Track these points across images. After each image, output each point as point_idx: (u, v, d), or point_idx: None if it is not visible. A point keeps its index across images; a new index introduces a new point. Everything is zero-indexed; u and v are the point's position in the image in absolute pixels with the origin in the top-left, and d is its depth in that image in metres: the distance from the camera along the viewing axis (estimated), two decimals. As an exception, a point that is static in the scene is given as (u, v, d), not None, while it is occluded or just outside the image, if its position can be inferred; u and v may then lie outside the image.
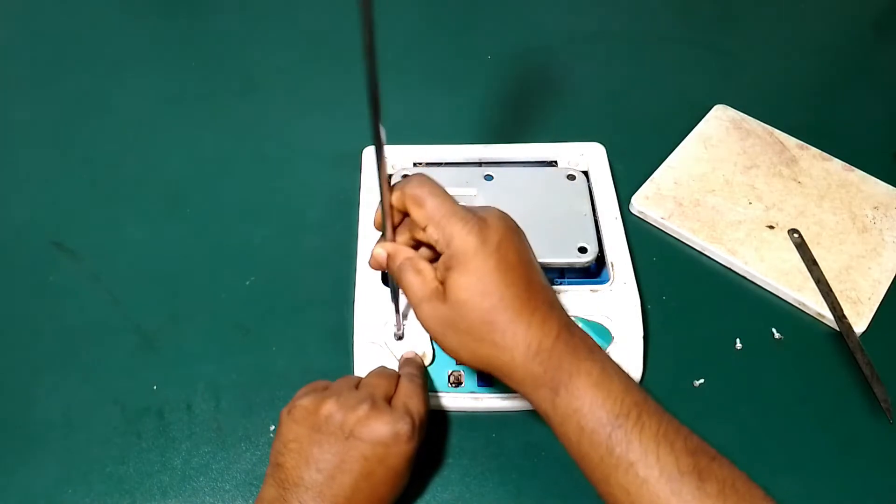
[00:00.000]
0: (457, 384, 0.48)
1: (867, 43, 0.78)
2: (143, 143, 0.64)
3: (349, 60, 0.71)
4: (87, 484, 0.46)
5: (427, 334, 0.47)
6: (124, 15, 0.75)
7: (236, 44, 0.73)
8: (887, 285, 0.56)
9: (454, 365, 0.48)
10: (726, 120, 0.67)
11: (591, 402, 0.35)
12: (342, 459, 0.38)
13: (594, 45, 0.75)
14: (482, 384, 0.48)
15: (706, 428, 0.49)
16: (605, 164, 0.59)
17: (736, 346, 0.53)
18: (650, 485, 0.34)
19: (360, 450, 0.39)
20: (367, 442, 0.39)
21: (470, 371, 0.48)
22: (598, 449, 0.35)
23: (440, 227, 0.38)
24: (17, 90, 0.68)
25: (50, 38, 0.73)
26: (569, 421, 0.36)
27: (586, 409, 0.35)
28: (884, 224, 0.60)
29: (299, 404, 0.41)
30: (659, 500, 0.33)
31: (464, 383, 0.48)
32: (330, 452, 0.39)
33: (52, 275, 0.56)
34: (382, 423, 0.39)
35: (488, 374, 0.39)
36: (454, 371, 0.49)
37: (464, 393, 0.48)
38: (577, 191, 0.55)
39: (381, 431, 0.39)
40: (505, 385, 0.39)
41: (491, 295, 0.36)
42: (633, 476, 0.34)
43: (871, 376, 0.51)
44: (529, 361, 0.36)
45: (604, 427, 0.35)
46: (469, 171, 0.55)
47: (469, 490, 0.47)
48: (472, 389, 0.48)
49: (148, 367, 0.51)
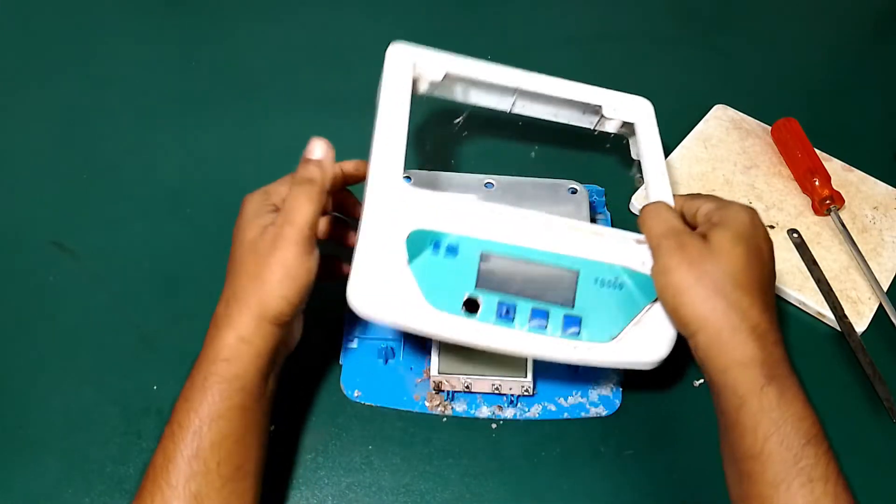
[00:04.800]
0: (472, 309, 0.42)
1: (867, 43, 0.78)
2: (143, 143, 0.64)
3: (349, 60, 0.71)
4: (87, 484, 0.46)
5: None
6: (124, 14, 0.75)
7: (236, 44, 0.73)
8: (887, 285, 0.56)
9: (473, 288, 0.42)
10: (726, 120, 0.67)
11: (801, 409, 0.37)
12: (230, 261, 0.42)
13: (594, 45, 0.75)
14: (504, 317, 0.42)
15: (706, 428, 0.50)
16: (653, 118, 0.55)
17: (736, 346, 0.53)
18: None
19: (232, 249, 0.42)
20: (234, 241, 0.42)
21: (497, 303, 0.42)
22: (787, 450, 0.36)
23: (718, 201, 0.44)
24: (17, 90, 0.68)
25: (50, 37, 0.73)
26: (769, 411, 0.37)
27: (790, 414, 0.37)
28: (883, 224, 0.60)
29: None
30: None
31: (480, 311, 0.42)
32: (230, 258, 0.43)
33: (52, 275, 0.56)
34: (243, 219, 0.42)
35: (545, 314, 0.41)
36: (472, 295, 0.42)
37: (480, 322, 0.42)
38: (577, 204, 0.54)
39: (241, 229, 0.42)
40: (529, 323, 0.41)
41: (749, 261, 0.40)
42: (807, 490, 0.36)
43: (874, 375, 0.51)
44: (754, 337, 0.38)
45: (798, 437, 0.37)
46: (469, 178, 0.55)
47: (469, 490, 0.47)
48: (489, 320, 0.42)
49: (148, 367, 0.51)
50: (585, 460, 0.48)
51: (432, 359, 0.48)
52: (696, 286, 0.39)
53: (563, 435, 0.49)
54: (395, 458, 0.48)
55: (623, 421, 0.50)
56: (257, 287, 0.40)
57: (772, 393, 0.37)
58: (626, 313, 0.43)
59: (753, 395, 0.37)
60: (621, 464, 0.48)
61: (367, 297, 0.40)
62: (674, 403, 0.51)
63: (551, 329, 0.42)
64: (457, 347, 0.48)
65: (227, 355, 0.39)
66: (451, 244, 0.42)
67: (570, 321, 0.42)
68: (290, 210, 0.40)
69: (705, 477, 0.48)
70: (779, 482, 0.36)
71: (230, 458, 0.39)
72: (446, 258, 0.42)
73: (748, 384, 0.37)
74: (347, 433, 0.49)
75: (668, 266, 0.40)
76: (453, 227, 0.42)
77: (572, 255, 0.43)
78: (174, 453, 0.38)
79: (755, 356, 0.38)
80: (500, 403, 0.50)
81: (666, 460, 0.48)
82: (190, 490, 0.37)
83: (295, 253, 0.39)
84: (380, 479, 0.47)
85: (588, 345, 0.42)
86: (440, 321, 0.41)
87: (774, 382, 0.37)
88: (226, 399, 0.39)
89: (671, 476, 0.48)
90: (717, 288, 0.39)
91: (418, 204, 0.42)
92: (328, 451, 0.48)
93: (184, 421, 0.38)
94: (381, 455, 0.48)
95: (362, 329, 0.52)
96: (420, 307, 0.41)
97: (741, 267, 0.40)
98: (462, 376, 0.48)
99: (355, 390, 0.50)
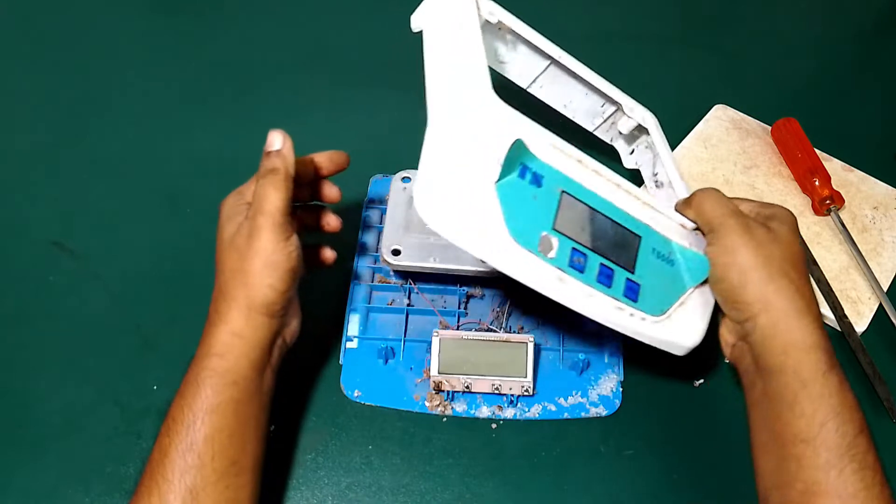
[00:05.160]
0: (547, 250, 0.39)
1: (867, 43, 0.78)
2: (143, 143, 0.64)
3: (349, 60, 0.71)
4: (87, 484, 0.46)
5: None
6: (125, 15, 0.75)
7: (236, 44, 0.73)
8: (887, 285, 0.56)
9: (550, 227, 0.39)
10: (726, 120, 0.67)
11: (854, 400, 0.38)
12: (215, 262, 0.43)
13: (594, 45, 0.75)
14: (575, 266, 0.39)
15: (706, 428, 0.50)
16: (660, 128, 0.55)
17: (736, 346, 0.53)
18: (870, 490, 0.36)
19: (216, 251, 0.43)
20: (216, 242, 0.44)
21: (571, 249, 0.40)
22: (842, 438, 0.37)
23: (758, 201, 0.46)
24: (17, 90, 0.68)
25: (50, 37, 0.73)
26: (829, 397, 0.38)
27: (847, 403, 0.38)
28: (883, 224, 0.60)
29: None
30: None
31: (555, 254, 0.39)
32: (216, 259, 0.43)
33: (52, 275, 0.56)
34: (220, 220, 0.44)
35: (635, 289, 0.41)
36: (548, 235, 0.39)
37: (551, 265, 0.39)
38: None
39: (220, 230, 0.43)
40: (591, 281, 0.39)
41: (803, 254, 0.43)
42: (858, 478, 0.36)
43: (874, 375, 0.51)
44: (818, 324, 0.39)
45: (853, 426, 0.37)
46: None
47: (469, 490, 0.47)
48: (562, 266, 0.39)
49: (148, 367, 0.51)
50: (585, 460, 0.48)
51: (432, 359, 0.48)
52: (763, 268, 0.40)
53: (563, 435, 0.49)
54: (395, 458, 0.48)
55: (623, 421, 0.50)
56: (241, 280, 0.40)
57: (833, 380, 0.38)
58: (674, 291, 0.43)
59: (816, 380, 0.38)
60: (621, 464, 0.48)
61: (441, 208, 0.37)
62: (674, 403, 0.51)
63: (614, 289, 0.40)
64: (457, 347, 0.48)
65: (219, 350, 0.40)
66: (538, 173, 0.40)
67: (631, 287, 0.41)
68: (259, 200, 0.41)
69: (705, 477, 0.48)
70: (830, 467, 0.37)
71: (224, 453, 0.39)
72: (531, 187, 0.39)
73: (812, 368, 0.38)
74: (347, 433, 0.49)
75: (734, 245, 0.41)
76: (543, 154, 0.40)
77: (637, 219, 0.43)
78: (169, 448, 0.38)
79: (819, 342, 0.39)
80: (500, 403, 0.50)
81: (666, 460, 0.48)
82: (185, 484, 0.37)
83: (271, 240, 0.40)
84: (380, 479, 0.47)
85: (641, 315, 0.41)
86: (515, 254, 0.38)
87: (835, 370, 0.38)
88: (218, 393, 0.39)
89: (671, 476, 0.48)
90: (784, 272, 0.40)
91: (514, 121, 0.40)
92: (328, 451, 0.48)
93: (178, 416, 0.39)
94: (381, 455, 0.48)
95: (362, 329, 0.52)
96: (498, 234, 0.37)
97: (800, 258, 0.42)
98: (462, 376, 0.48)
99: (355, 390, 0.50)
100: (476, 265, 0.50)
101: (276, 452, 0.47)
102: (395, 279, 0.54)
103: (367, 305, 0.52)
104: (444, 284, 0.54)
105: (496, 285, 0.54)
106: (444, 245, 0.51)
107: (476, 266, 0.50)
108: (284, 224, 0.41)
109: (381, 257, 0.51)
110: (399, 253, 0.50)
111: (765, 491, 0.40)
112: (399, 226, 0.52)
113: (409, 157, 0.59)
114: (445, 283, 0.54)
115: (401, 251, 0.50)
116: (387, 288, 0.54)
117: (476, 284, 0.54)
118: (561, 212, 0.40)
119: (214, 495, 0.38)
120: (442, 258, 0.50)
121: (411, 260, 0.50)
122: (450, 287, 0.53)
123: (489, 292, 0.54)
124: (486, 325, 0.52)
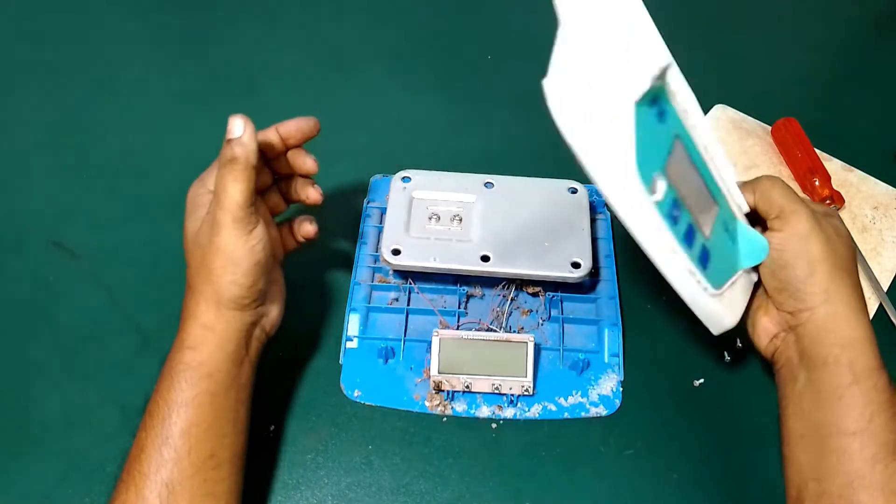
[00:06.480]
0: (655, 192, 0.36)
1: (867, 43, 0.78)
2: (143, 143, 0.64)
3: (349, 60, 0.71)
4: (87, 484, 0.46)
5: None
6: (124, 14, 0.75)
7: (236, 44, 0.73)
8: (887, 285, 0.56)
9: (660, 169, 0.37)
10: (726, 120, 0.67)
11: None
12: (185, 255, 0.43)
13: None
14: (671, 216, 0.37)
15: (706, 428, 0.50)
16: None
17: (736, 345, 0.53)
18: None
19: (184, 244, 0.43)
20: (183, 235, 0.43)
21: (672, 198, 0.38)
22: (891, 433, 0.37)
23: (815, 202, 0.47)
24: (17, 89, 0.68)
25: (50, 37, 0.73)
26: (881, 392, 0.38)
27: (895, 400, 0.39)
28: (883, 224, 0.60)
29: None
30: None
31: (661, 197, 0.37)
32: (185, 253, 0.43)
33: (51, 275, 0.56)
34: (186, 212, 0.43)
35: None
36: (659, 177, 0.37)
37: (655, 210, 0.37)
38: (577, 205, 0.54)
39: (186, 222, 0.43)
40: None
41: (855, 255, 0.43)
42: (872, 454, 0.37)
43: (872, 376, 0.51)
44: (869, 322, 0.40)
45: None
46: (469, 178, 0.55)
47: (469, 490, 0.47)
48: (662, 213, 0.37)
49: (148, 367, 0.51)
50: (585, 460, 0.48)
51: (432, 359, 0.48)
52: (829, 260, 0.40)
53: (563, 435, 0.49)
54: (395, 457, 0.48)
55: (623, 421, 0.50)
56: (206, 277, 0.40)
57: (885, 376, 0.39)
58: (731, 268, 0.42)
59: (869, 375, 0.38)
60: (621, 464, 0.48)
61: (575, 111, 0.33)
62: (674, 403, 0.51)
63: (693, 251, 0.39)
64: (457, 347, 0.48)
65: (191, 343, 0.40)
66: (665, 109, 0.37)
67: (704, 253, 0.40)
68: (219, 194, 0.40)
69: (706, 477, 0.48)
70: (877, 461, 0.37)
71: (201, 446, 0.39)
72: (655, 121, 0.37)
73: (866, 363, 0.39)
74: (347, 433, 0.49)
75: (808, 232, 0.41)
76: (676, 92, 0.38)
77: (718, 186, 0.42)
78: (145, 442, 0.38)
79: (872, 337, 0.40)
80: (500, 403, 0.50)
81: (666, 460, 0.48)
82: (161, 478, 0.37)
83: (232, 236, 0.40)
84: (380, 479, 0.47)
85: (705, 284, 0.41)
86: (631, 185, 0.35)
87: (884, 368, 0.39)
88: (192, 386, 0.39)
89: (671, 476, 0.48)
90: (846, 267, 0.41)
91: (662, 46, 0.38)
92: (328, 451, 0.48)
93: (154, 410, 0.39)
94: (381, 455, 0.48)
95: (362, 329, 0.52)
96: (625, 158, 0.34)
97: (855, 258, 0.43)
98: (462, 376, 0.48)
99: (355, 390, 0.50)
100: (476, 265, 0.50)
101: (276, 452, 0.47)
102: (395, 279, 0.54)
103: (367, 305, 0.52)
104: (444, 284, 0.54)
105: (496, 285, 0.54)
106: (444, 245, 0.51)
107: (476, 266, 0.50)
108: (246, 217, 0.40)
109: (381, 257, 0.51)
110: (399, 253, 0.50)
111: (799, 483, 0.39)
112: (399, 226, 0.52)
113: (409, 157, 0.59)
114: (445, 283, 0.54)
115: (401, 251, 0.50)
116: (387, 288, 0.54)
117: (476, 284, 0.54)
118: (672, 157, 0.38)
119: (191, 489, 0.38)
120: (442, 258, 0.50)
121: (411, 260, 0.50)
122: (450, 287, 0.53)
123: (489, 292, 0.54)
124: (486, 325, 0.52)
